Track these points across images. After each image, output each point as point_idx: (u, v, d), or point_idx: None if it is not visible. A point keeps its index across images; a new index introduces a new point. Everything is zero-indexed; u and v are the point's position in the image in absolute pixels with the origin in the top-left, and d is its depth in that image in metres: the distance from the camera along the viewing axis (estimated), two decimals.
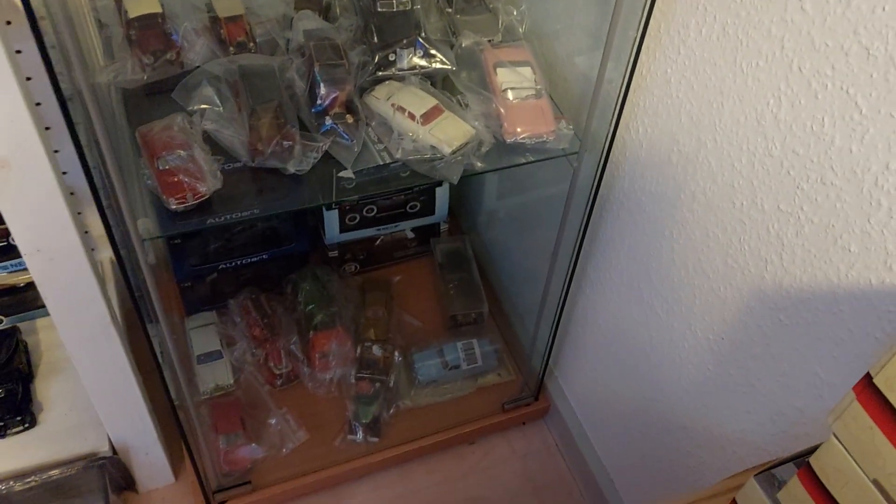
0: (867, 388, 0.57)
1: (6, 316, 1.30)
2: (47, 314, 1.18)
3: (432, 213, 1.58)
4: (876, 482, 0.59)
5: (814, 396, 0.81)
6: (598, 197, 1.10)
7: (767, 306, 0.85)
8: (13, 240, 1.11)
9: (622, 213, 1.10)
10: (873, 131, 0.67)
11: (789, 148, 0.76)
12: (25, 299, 1.30)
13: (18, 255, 1.12)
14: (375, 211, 1.50)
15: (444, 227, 1.65)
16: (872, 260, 0.70)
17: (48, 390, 1.28)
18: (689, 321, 1.01)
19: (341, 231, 1.51)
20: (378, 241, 1.60)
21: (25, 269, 1.20)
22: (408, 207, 1.54)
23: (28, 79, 1.03)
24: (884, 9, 0.63)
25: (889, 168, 0.66)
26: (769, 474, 0.74)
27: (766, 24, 0.76)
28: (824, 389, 0.80)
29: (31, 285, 1.30)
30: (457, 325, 1.55)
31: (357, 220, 1.50)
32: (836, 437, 0.61)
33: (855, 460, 0.60)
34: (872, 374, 0.56)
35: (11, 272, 1.27)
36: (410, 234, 1.63)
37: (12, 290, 1.29)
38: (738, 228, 0.87)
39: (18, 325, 1.32)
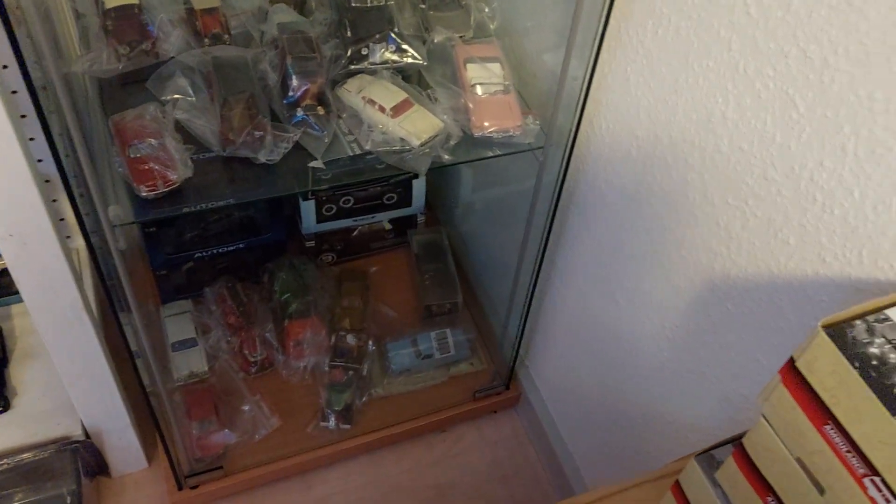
0: (791, 371, 0.60)
1: None
2: (22, 300, 1.20)
3: (409, 204, 1.61)
4: (799, 460, 0.62)
5: (756, 383, 0.85)
6: (564, 190, 1.13)
7: (716, 296, 0.89)
8: None
9: (587, 205, 1.13)
10: (809, 130, 0.70)
11: (736, 145, 0.80)
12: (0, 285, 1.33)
13: None
14: (352, 202, 1.53)
15: (421, 218, 1.68)
16: (808, 252, 0.74)
17: (22, 375, 1.30)
18: (646, 311, 1.04)
19: (318, 221, 1.53)
20: (355, 232, 1.63)
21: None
22: (385, 199, 1.56)
23: (4, 67, 1.06)
24: (820, 14, 0.66)
25: (823, 165, 0.70)
26: (709, 455, 0.77)
27: (716, 26, 0.79)
28: (765, 376, 0.83)
29: (5, 272, 1.32)
30: (431, 315, 1.58)
31: (334, 211, 1.52)
32: (765, 418, 0.65)
33: (781, 440, 0.64)
34: (795, 358, 0.60)
35: None
36: (388, 226, 1.66)
37: None
38: (691, 221, 0.90)
39: None
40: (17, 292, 1.31)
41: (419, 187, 1.58)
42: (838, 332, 0.57)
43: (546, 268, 1.29)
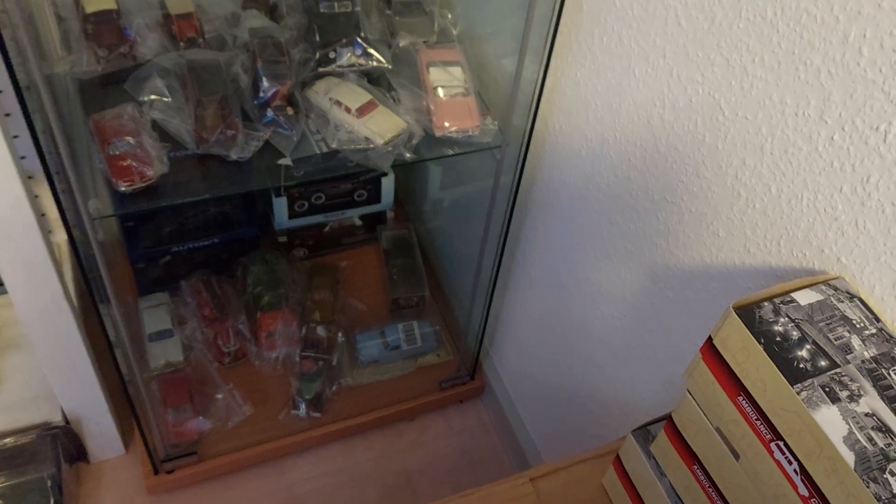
0: (709, 348, 0.67)
1: None
2: (3, 292, 1.25)
3: (378, 201, 1.67)
4: (718, 430, 0.69)
5: None
6: (522, 187, 1.20)
7: (658, 286, 0.96)
8: None
9: (542, 201, 1.20)
10: (733, 131, 0.77)
11: (672, 145, 0.87)
12: None
13: None
14: (323, 199, 1.58)
15: (390, 215, 1.74)
16: (735, 244, 0.81)
17: (4, 364, 1.35)
18: (597, 300, 1.11)
19: (290, 217, 1.59)
20: (326, 228, 1.68)
21: None
22: (355, 196, 1.62)
23: None
24: (739, 26, 0.74)
25: (745, 163, 0.77)
26: (645, 430, 0.84)
27: (652, 35, 0.86)
28: None
29: None
30: (399, 308, 1.64)
31: (305, 208, 1.58)
32: (689, 393, 0.72)
33: (703, 411, 0.71)
34: (713, 336, 0.67)
35: None
36: (358, 222, 1.72)
37: None
38: (634, 216, 0.97)
39: None
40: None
41: (388, 185, 1.64)
42: (747, 313, 0.64)
43: (506, 261, 1.36)
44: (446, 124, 1.13)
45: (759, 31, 0.71)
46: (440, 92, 1.15)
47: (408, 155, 1.10)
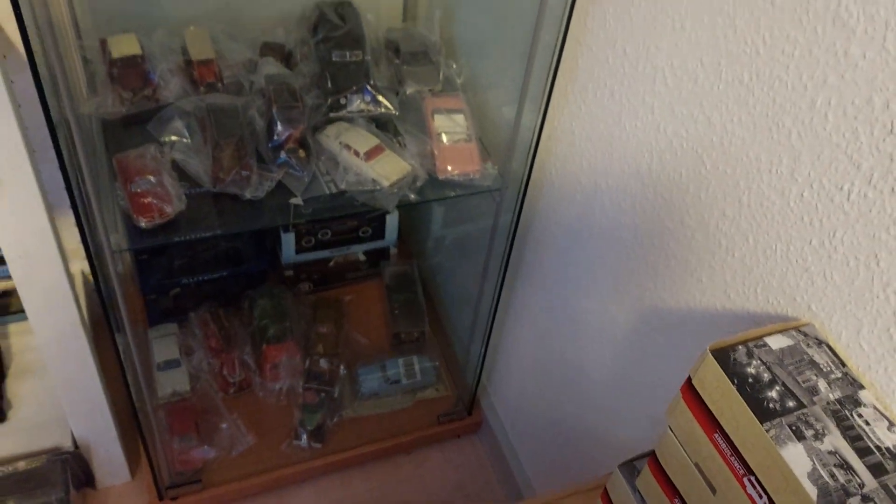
0: (688, 388, 0.72)
1: None
2: (20, 319, 1.30)
3: (382, 237, 1.73)
4: (697, 465, 0.74)
5: None
6: (520, 227, 1.26)
7: (645, 325, 1.01)
8: None
9: (539, 241, 1.26)
10: (714, 184, 0.83)
11: (659, 193, 0.93)
12: (0, 306, 1.42)
13: None
14: (329, 234, 1.64)
15: (393, 251, 1.80)
16: (716, 289, 0.86)
17: (18, 390, 1.40)
18: (588, 338, 1.16)
19: (297, 252, 1.65)
20: (331, 263, 1.74)
21: (1, 279, 1.33)
22: (360, 232, 1.68)
23: (18, 106, 1.17)
24: (718, 87, 0.80)
25: (725, 214, 0.82)
26: (631, 465, 0.89)
27: (641, 92, 0.92)
28: None
29: (5, 293, 1.42)
30: (400, 343, 1.69)
31: (312, 243, 1.64)
32: (671, 429, 0.76)
33: (683, 447, 0.75)
34: (691, 376, 0.72)
35: None
36: (362, 257, 1.77)
37: None
38: (624, 258, 1.02)
39: None
40: (16, 312, 1.41)
41: (392, 222, 1.70)
42: (723, 355, 0.69)
43: (504, 298, 1.41)
44: (449, 168, 1.19)
45: (737, 94, 0.77)
46: (444, 138, 1.21)
47: (412, 196, 1.16)
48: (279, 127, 1.13)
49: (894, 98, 0.62)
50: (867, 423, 0.66)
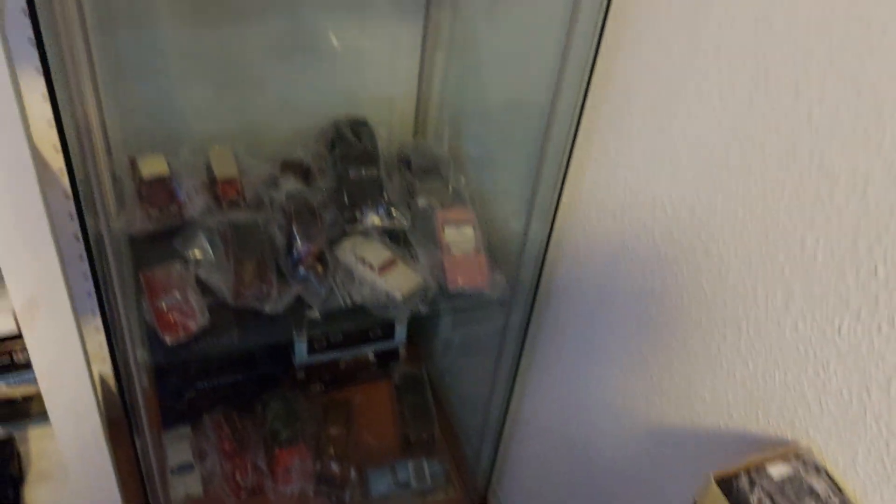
0: None
1: (3, 424, 1.45)
2: (40, 423, 1.33)
3: (392, 337, 1.76)
4: None
5: None
6: (529, 333, 1.30)
7: (653, 438, 1.04)
8: (15, 357, 1.28)
9: (551, 346, 1.29)
10: (714, 310, 0.88)
11: (663, 313, 0.97)
12: (21, 410, 1.45)
13: (16, 370, 1.29)
14: (341, 336, 1.68)
15: (402, 351, 1.83)
16: (719, 409, 0.90)
17: (36, 495, 1.41)
18: (598, 445, 1.18)
19: (309, 353, 1.68)
20: (342, 364, 1.77)
21: (23, 384, 1.36)
22: (370, 333, 1.72)
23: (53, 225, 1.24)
24: (714, 220, 0.85)
25: (726, 339, 0.87)
26: None
27: (642, 219, 0.98)
28: None
29: (26, 399, 1.46)
30: (409, 445, 1.70)
31: (324, 345, 1.67)
32: None
33: None
34: (697, 501, 0.75)
35: (10, 385, 1.43)
36: (372, 357, 1.80)
37: (10, 402, 1.44)
38: (630, 372, 1.06)
39: (14, 433, 1.46)
40: (36, 415, 1.44)
41: (401, 324, 1.74)
42: (726, 483, 0.72)
43: (514, 402, 1.44)
44: (459, 281, 1.24)
45: (732, 226, 0.83)
46: (453, 250, 1.27)
47: (423, 309, 1.21)
48: (299, 243, 1.19)
49: (877, 243, 0.67)
50: None
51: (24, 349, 1.05)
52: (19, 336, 1.02)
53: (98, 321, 1.05)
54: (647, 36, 0.93)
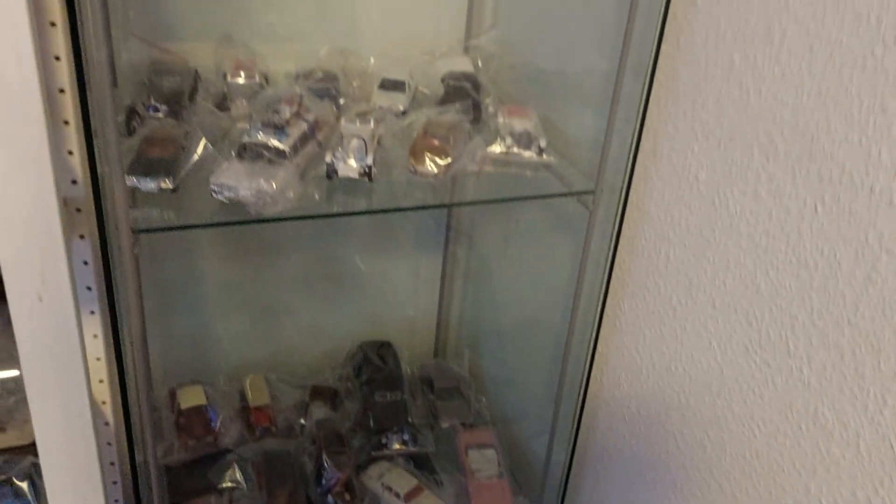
0: None
1: None
2: None
3: None
4: None
5: None
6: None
7: None
8: None
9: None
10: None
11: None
12: None
13: None
14: None
15: None
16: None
17: None
18: None
19: None
20: None
21: None
22: None
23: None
24: (725, 459, 0.91)
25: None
26: None
27: (659, 451, 1.04)
28: None
29: None
30: None
31: None
32: None
33: None
34: None
35: None
36: None
37: None
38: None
39: None
40: None
41: None
42: None
43: None
44: None
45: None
46: (477, 475, 1.31)
47: None
48: (328, 472, 1.24)
49: (875, 496, 0.73)
50: None
51: None
52: None
53: None
54: (648, 284, 1.03)
